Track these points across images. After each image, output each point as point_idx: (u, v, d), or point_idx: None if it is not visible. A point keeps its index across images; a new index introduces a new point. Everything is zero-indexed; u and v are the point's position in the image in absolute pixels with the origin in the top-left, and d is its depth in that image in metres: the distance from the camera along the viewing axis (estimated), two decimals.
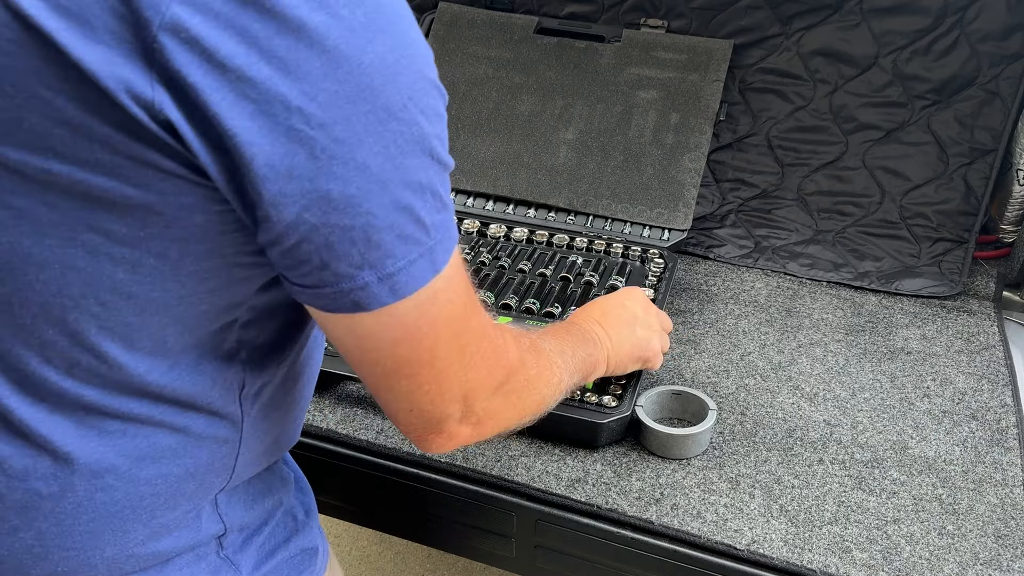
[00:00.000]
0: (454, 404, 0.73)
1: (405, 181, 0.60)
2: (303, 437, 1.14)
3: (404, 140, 0.59)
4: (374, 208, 0.59)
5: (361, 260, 0.60)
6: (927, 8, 1.47)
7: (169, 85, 0.54)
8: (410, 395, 0.70)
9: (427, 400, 0.71)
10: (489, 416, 0.77)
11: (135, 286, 0.64)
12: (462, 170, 1.57)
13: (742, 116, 1.63)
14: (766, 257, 1.56)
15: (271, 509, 0.85)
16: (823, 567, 0.97)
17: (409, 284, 0.63)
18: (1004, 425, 1.19)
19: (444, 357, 0.69)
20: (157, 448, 0.71)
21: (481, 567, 2.16)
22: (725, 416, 1.19)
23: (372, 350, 0.67)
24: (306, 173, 0.57)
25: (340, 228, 0.59)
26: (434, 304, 0.65)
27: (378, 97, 0.57)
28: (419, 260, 0.63)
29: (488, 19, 1.69)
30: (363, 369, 0.70)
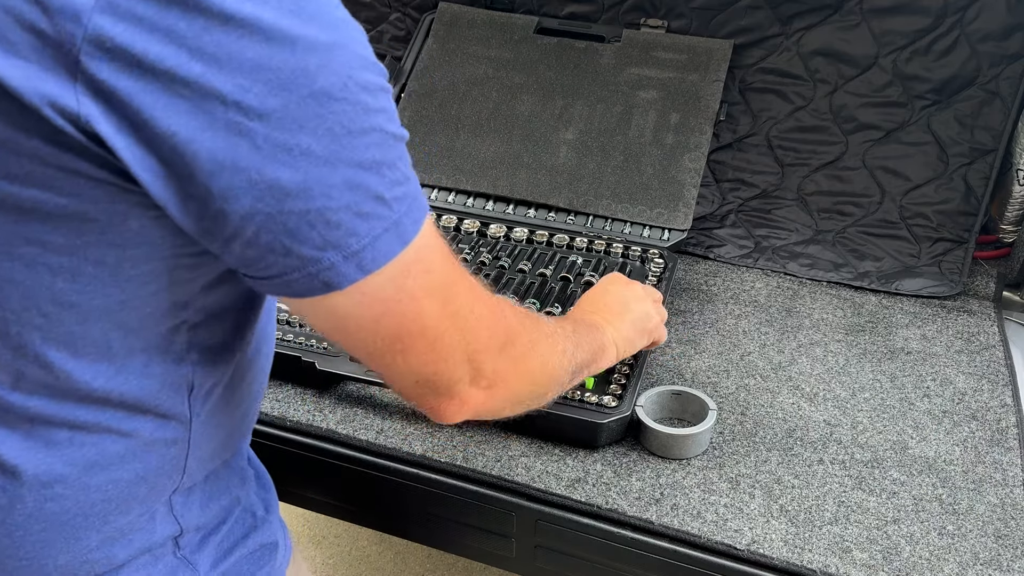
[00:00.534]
0: (460, 368, 0.73)
1: (356, 160, 0.60)
2: (304, 437, 1.14)
3: (348, 119, 0.59)
4: (327, 190, 0.59)
5: (323, 242, 0.60)
6: (927, 8, 1.47)
7: (96, 96, 0.54)
8: (411, 369, 0.71)
9: (430, 370, 0.71)
10: (500, 378, 0.77)
11: (75, 295, 0.64)
12: (462, 170, 1.57)
13: (742, 116, 1.63)
14: (766, 257, 1.56)
15: (228, 507, 0.85)
16: (823, 567, 0.97)
17: (376, 259, 0.63)
18: (1004, 425, 1.19)
19: (435, 326, 0.69)
20: (105, 455, 0.71)
21: (481, 567, 2.16)
22: (725, 416, 1.19)
23: (357, 330, 0.67)
24: (252, 164, 0.57)
25: (296, 214, 0.59)
26: (408, 276, 0.65)
27: (315, 81, 0.57)
28: (384, 235, 0.63)
29: (488, 19, 1.69)
30: (358, 351, 0.70)
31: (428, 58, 1.68)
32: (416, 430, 1.14)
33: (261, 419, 1.16)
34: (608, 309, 1.08)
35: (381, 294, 0.65)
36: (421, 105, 1.64)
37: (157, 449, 0.74)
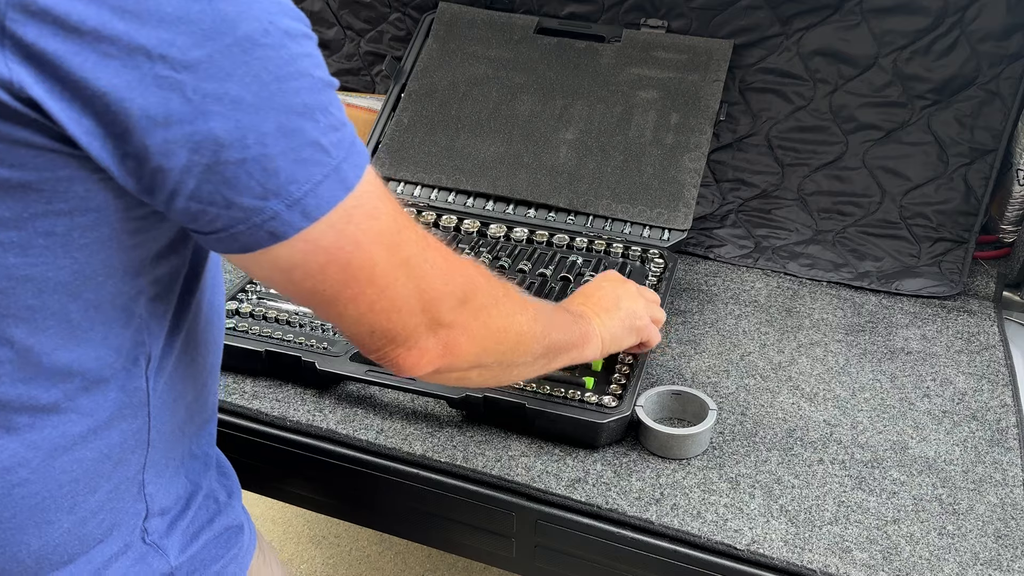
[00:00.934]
0: (415, 316, 0.72)
1: (287, 105, 0.60)
2: (303, 437, 1.14)
3: (274, 65, 0.60)
4: (261, 138, 0.60)
5: (264, 191, 0.61)
6: (927, 8, 1.47)
7: (26, 60, 0.55)
8: (363, 317, 0.70)
9: (384, 318, 0.71)
10: (460, 330, 0.76)
11: (29, 268, 0.64)
12: (462, 170, 1.57)
13: (742, 116, 1.63)
14: (766, 257, 1.56)
15: (192, 493, 0.86)
16: (823, 567, 0.97)
17: (320, 205, 0.63)
18: (1004, 425, 1.19)
19: (385, 273, 0.69)
20: (67, 436, 0.71)
21: (481, 567, 2.16)
22: (725, 416, 1.19)
23: (304, 280, 0.67)
24: (184, 117, 0.57)
25: (234, 163, 0.59)
26: (350, 222, 0.65)
27: (236, 28, 0.58)
28: (325, 181, 0.63)
29: (488, 19, 1.69)
30: (310, 303, 0.70)
31: (428, 58, 1.68)
32: (416, 430, 1.14)
33: (261, 419, 1.16)
34: (598, 303, 1.08)
35: (324, 241, 0.64)
36: (421, 105, 1.64)
37: (118, 425, 0.74)
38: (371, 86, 1.90)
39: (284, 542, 2.26)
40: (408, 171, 1.58)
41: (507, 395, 1.11)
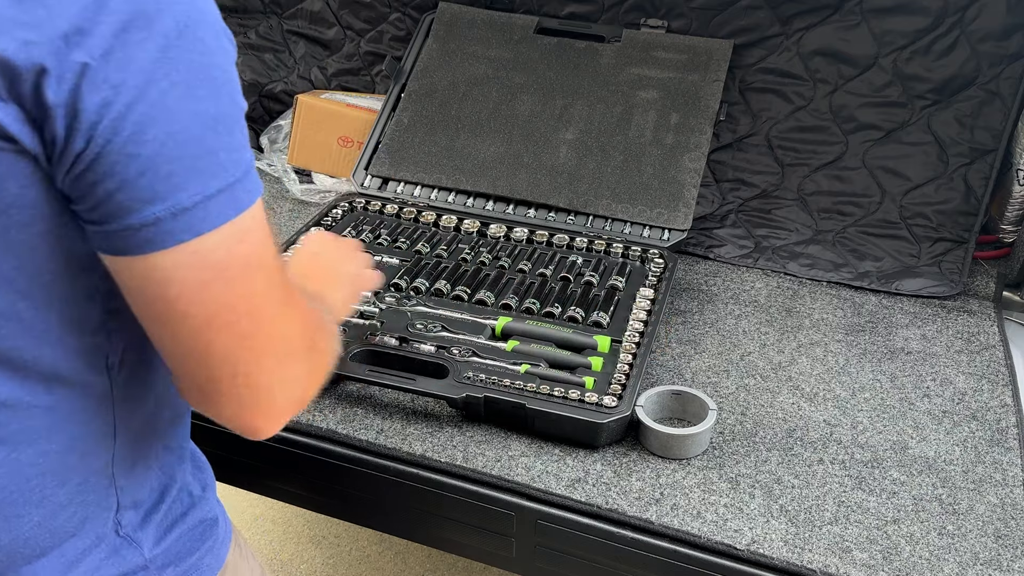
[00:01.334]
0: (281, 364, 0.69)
1: (193, 110, 0.60)
2: (304, 437, 1.14)
3: (186, 67, 0.59)
4: (160, 135, 0.58)
5: (151, 193, 0.59)
6: (927, 8, 1.47)
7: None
8: (232, 354, 0.66)
9: (253, 358, 0.67)
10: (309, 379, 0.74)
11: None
12: (462, 170, 1.57)
13: (742, 116, 1.63)
14: (766, 257, 1.56)
15: (166, 485, 0.85)
16: (823, 567, 0.97)
17: (207, 220, 0.61)
18: (1004, 425, 1.19)
19: (262, 306, 0.66)
20: (30, 432, 0.71)
21: (481, 567, 2.16)
22: (725, 416, 1.19)
23: (179, 298, 0.63)
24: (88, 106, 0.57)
25: (125, 156, 0.58)
26: (242, 243, 0.63)
27: (153, 24, 0.58)
28: (218, 196, 0.61)
29: (488, 19, 1.69)
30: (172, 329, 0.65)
31: (428, 58, 1.68)
32: (416, 430, 1.14)
33: None
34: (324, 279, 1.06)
35: (212, 256, 0.62)
36: (421, 105, 1.64)
37: (80, 419, 0.73)
38: (371, 86, 1.90)
39: (284, 542, 2.26)
40: (408, 171, 1.58)
41: (507, 395, 1.11)
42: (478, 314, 1.28)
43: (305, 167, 1.78)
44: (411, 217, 1.54)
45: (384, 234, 1.47)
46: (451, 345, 1.20)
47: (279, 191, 1.76)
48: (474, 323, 1.26)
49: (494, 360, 1.18)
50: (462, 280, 1.35)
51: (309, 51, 1.92)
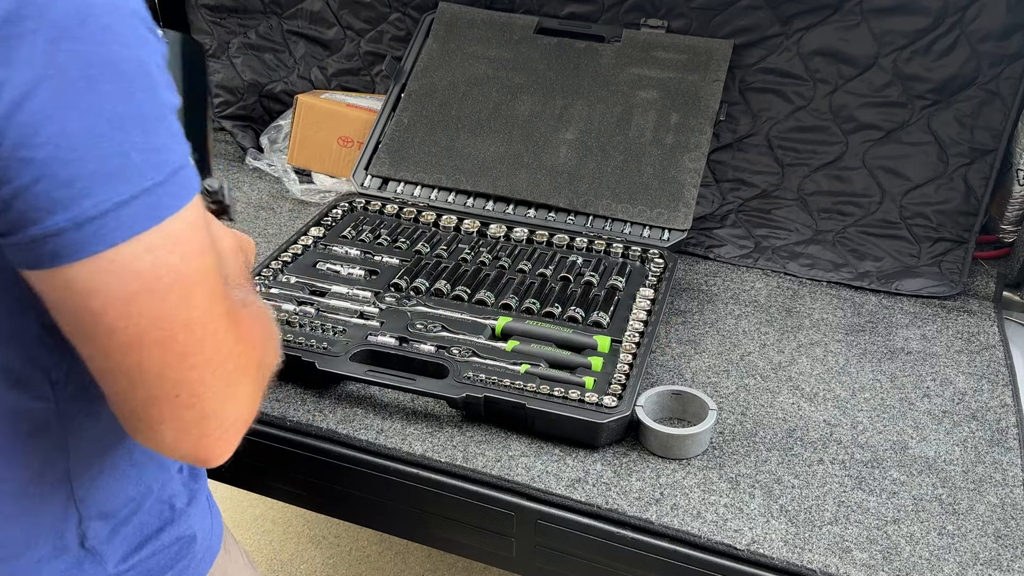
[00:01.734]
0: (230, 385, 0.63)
1: (95, 108, 0.54)
2: (304, 437, 1.14)
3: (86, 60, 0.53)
4: (54, 137, 0.52)
5: (50, 202, 0.53)
6: (927, 8, 1.47)
7: None
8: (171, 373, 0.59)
9: (195, 377, 0.60)
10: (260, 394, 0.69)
11: None
12: (462, 170, 1.57)
13: (742, 116, 1.63)
14: (766, 257, 1.56)
15: (140, 497, 0.81)
16: (823, 567, 0.97)
17: (121, 229, 0.55)
18: (1004, 425, 1.19)
19: (202, 321, 0.60)
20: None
21: (481, 567, 2.16)
22: (725, 416, 1.19)
23: (105, 311, 0.56)
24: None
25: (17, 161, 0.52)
26: (173, 253, 0.57)
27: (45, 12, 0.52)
28: (132, 202, 0.55)
29: (488, 19, 1.69)
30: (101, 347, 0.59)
31: (428, 58, 1.68)
32: (416, 430, 1.14)
33: (261, 419, 1.16)
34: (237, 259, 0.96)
35: (138, 265, 0.56)
36: (421, 105, 1.64)
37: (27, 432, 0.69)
38: (371, 86, 1.90)
39: (284, 542, 2.26)
40: (408, 171, 1.58)
41: (507, 395, 1.11)
42: (478, 314, 1.28)
43: (305, 167, 1.78)
44: (411, 217, 1.54)
45: (384, 234, 1.47)
46: (451, 345, 1.20)
47: (279, 191, 1.76)
48: (474, 323, 1.26)
49: (494, 360, 1.18)
50: (462, 280, 1.35)
51: (309, 51, 1.92)
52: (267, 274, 1.34)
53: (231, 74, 1.93)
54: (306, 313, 1.26)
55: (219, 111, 1.94)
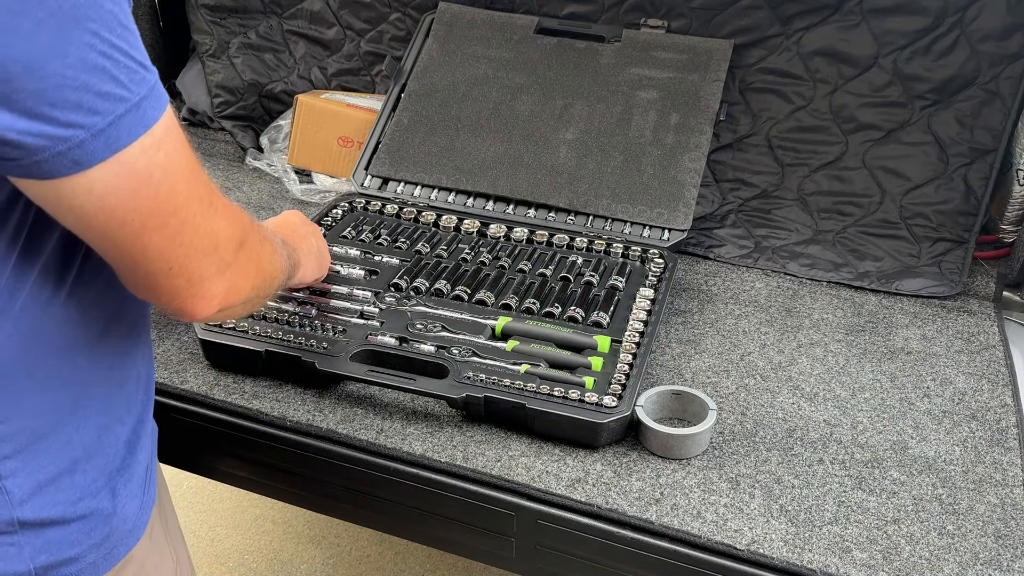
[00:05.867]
0: (208, 257, 0.78)
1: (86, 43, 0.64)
2: (304, 437, 1.14)
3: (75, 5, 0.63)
4: (60, 68, 0.63)
5: (67, 119, 0.64)
6: (927, 8, 1.47)
7: None
8: (166, 252, 0.75)
9: (183, 253, 0.76)
10: (239, 271, 0.83)
11: None
12: (462, 170, 1.57)
13: (742, 116, 1.63)
14: (766, 257, 1.56)
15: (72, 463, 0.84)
16: (823, 567, 0.97)
17: (121, 137, 0.67)
18: (1004, 425, 1.19)
19: (185, 206, 0.74)
20: None
21: (481, 567, 2.16)
22: (725, 416, 1.19)
23: (116, 207, 0.70)
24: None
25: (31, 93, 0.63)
26: (159, 151, 0.70)
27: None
28: (128, 115, 0.68)
29: (488, 19, 1.69)
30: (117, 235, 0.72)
31: (428, 58, 1.68)
32: (416, 430, 1.14)
33: (261, 419, 1.16)
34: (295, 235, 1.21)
35: (135, 165, 0.69)
36: (421, 105, 1.64)
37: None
38: (371, 86, 1.90)
39: (284, 542, 2.26)
40: (408, 171, 1.58)
41: (507, 395, 1.11)
42: (478, 314, 1.28)
43: (305, 167, 1.78)
44: (411, 217, 1.54)
45: (384, 234, 1.47)
46: (451, 345, 1.20)
47: (279, 191, 1.76)
48: (474, 323, 1.26)
49: (494, 360, 1.18)
50: (462, 280, 1.35)
51: (309, 51, 1.92)
52: None
53: (231, 74, 1.93)
54: (306, 313, 1.26)
55: (219, 111, 1.94)
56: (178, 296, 0.79)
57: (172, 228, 0.74)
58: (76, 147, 0.66)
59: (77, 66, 0.64)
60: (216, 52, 1.94)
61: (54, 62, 0.63)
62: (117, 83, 0.67)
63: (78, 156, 0.66)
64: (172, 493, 2.33)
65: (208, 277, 0.79)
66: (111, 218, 0.70)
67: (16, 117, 0.63)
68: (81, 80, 0.64)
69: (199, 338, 1.21)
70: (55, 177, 0.67)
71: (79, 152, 0.66)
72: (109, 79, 0.66)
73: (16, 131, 0.63)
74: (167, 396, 1.19)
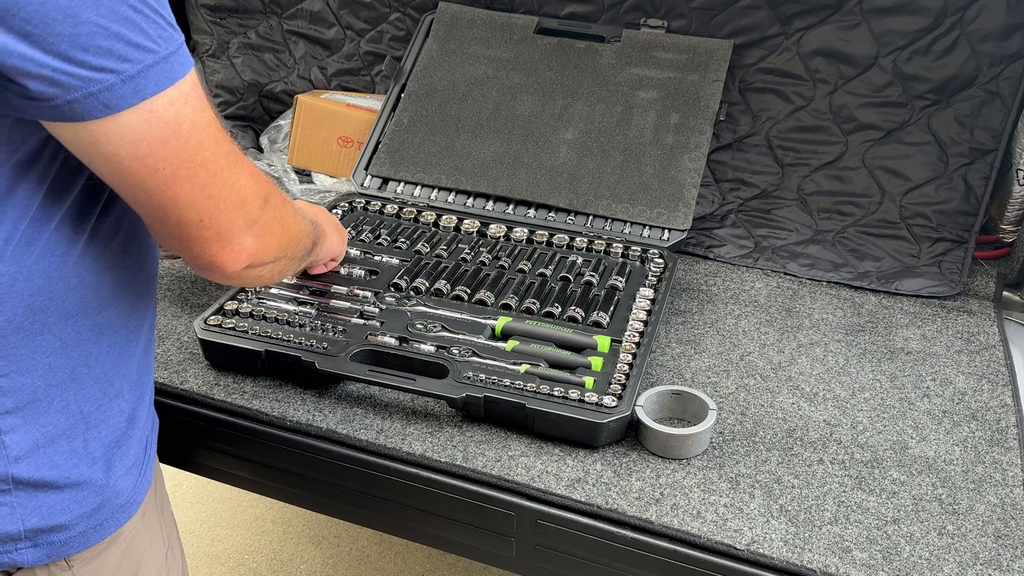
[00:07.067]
0: (236, 210, 0.82)
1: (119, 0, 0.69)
2: (304, 437, 1.14)
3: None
4: (94, 17, 0.68)
5: (99, 63, 0.69)
6: (927, 8, 1.47)
7: None
8: (195, 202, 0.78)
9: (212, 204, 0.79)
10: (266, 228, 0.86)
11: None
12: (462, 170, 1.57)
13: (742, 116, 1.63)
14: (766, 257, 1.56)
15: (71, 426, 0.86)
16: (823, 567, 0.97)
17: (149, 86, 0.72)
18: (1004, 425, 1.19)
19: (213, 159, 0.78)
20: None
21: (481, 567, 2.16)
22: (725, 416, 1.19)
23: (148, 154, 0.74)
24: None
25: (67, 37, 0.67)
26: (186, 104, 0.75)
27: None
28: (156, 66, 0.72)
29: (488, 19, 1.69)
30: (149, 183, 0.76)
31: (428, 58, 1.68)
32: (416, 430, 1.14)
33: (261, 419, 1.16)
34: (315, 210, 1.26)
35: (165, 114, 0.73)
36: (421, 105, 1.64)
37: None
38: (371, 86, 1.90)
39: (284, 542, 2.26)
40: (408, 171, 1.58)
41: (507, 395, 1.11)
42: (478, 314, 1.28)
43: (305, 167, 1.78)
44: (411, 217, 1.54)
45: (384, 234, 1.47)
46: (451, 345, 1.20)
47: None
48: (474, 323, 1.26)
49: (494, 360, 1.18)
50: (462, 280, 1.35)
51: (309, 51, 1.92)
52: None
53: (231, 74, 1.93)
54: (306, 313, 1.26)
55: (219, 111, 1.94)
56: (208, 248, 0.82)
57: (202, 178, 0.77)
58: (106, 90, 0.70)
59: (109, 16, 0.68)
60: (216, 52, 1.94)
61: (89, 11, 0.67)
62: (146, 35, 0.71)
63: (108, 99, 0.70)
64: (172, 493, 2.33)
65: (237, 231, 0.82)
66: (143, 165, 0.74)
67: (52, 58, 0.67)
68: (113, 29, 0.69)
69: (199, 338, 1.21)
70: (88, 119, 0.71)
71: (109, 95, 0.70)
72: (139, 31, 0.70)
73: (51, 69, 0.67)
74: (167, 396, 1.19)
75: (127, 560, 0.94)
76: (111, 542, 0.91)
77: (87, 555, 0.89)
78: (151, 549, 0.99)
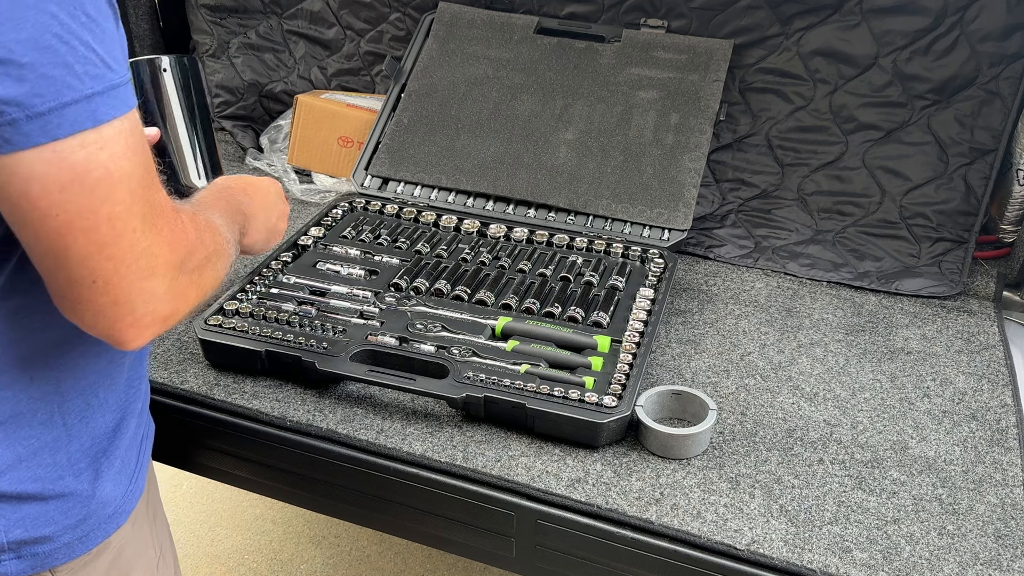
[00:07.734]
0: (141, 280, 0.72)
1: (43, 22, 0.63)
2: (304, 437, 1.14)
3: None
4: (8, 42, 0.61)
5: (7, 95, 0.62)
6: (927, 8, 1.47)
7: None
8: (90, 259, 0.69)
9: (111, 267, 0.70)
10: (177, 295, 0.76)
11: None
12: (462, 170, 1.57)
13: (742, 116, 1.63)
14: (766, 257, 1.56)
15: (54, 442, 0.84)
16: (823, 567, 0.97)
17: (63, 126, 0.65)
18: (1004, 425, 1.19)
19: (123, 217, 0.69)
20: None
21: (481, 567, 2.16)
22: (725, 416, 1.19)
23: (40, 197, 0.66)
24: None
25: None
26: (103, 150, 0.67)
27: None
28: (73, 105, 0.65)
29: (488, 19, 1.69)
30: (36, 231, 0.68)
31: (428, 58, 1.68)
32: (416, 430, 1.14)
33: (261, 419, 1.16)
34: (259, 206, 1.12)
35: (73, 158, 0.66)
36: (421, 105, 1.64)
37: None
38: (371, 86, 1.90)
39: (284, 542, 2.26)
40: (408, 171, 1.58)
41: (507, 395, 1.11)
42: (478, 314, 1.28)
43: (305, 167, 1.78)
44: (411, 217, 1.54)
45: (384, 234, 1.47)
46: (451, 345, 1.20)
47: None
48: (474, 323, 1.26)
49: (494, 360, 1.18)
50: (462, 280, 1.35)
51: (309, 51, 1.92)
52: (267, 274, 1.34)
53: (231, 74, 1.93)
54: (306, 313, 1.26)
55: (219, 111, 1.94)
56: (104, 316, 0.72)
57: (103, 235, 0.68)
58: (8, 125, 0.63)
59: (27, 42, 0.62)
60: (216, 52, 1.94)
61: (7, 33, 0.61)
62: (68, 70, 0.64)
63: (10, 135, 0.63)
64: (172, 493, 2.33)
65: (139, 301, 0.73)
66: (34, 207, 0.66)
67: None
68: (31, 58, 0.62)
69: (199, 338, 1.21)
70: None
71: (11, 131, 0.63)
72: (60, 64, 0.64)
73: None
74: (167, 396, 1.19)
75: (115, 570, 0.93)
76: (99, 552, 0.90)
77: (73, 566, 0.87)
78: (142, 558, 0.97)
